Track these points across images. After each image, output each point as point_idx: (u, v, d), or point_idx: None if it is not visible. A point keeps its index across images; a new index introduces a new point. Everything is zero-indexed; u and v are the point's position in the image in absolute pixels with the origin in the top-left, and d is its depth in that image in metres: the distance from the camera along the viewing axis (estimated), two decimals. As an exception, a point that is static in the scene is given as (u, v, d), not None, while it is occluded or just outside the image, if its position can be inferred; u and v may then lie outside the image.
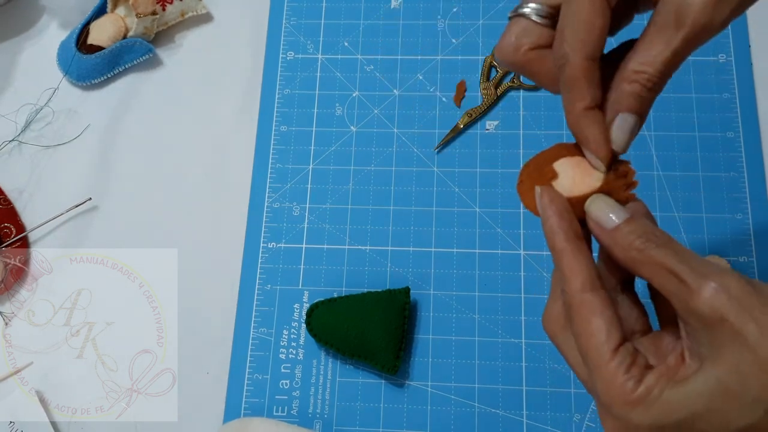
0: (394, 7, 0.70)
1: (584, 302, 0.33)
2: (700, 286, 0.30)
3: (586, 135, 0.35)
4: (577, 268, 0.34)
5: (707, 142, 0.62)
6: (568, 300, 0.34)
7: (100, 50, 0.68)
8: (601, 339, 0.33)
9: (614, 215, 0.34)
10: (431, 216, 0.62)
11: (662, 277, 0.32)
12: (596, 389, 0.33)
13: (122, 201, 0.65)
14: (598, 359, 0.32)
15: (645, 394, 0.31)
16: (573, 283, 0.34)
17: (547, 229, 0.35)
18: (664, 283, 0.32)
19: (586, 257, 0.34)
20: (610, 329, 0.33)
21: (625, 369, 0.32)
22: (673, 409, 0.31)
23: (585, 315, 0.33)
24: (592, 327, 0.33)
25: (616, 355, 0.32)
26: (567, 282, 0.34)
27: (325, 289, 0.61)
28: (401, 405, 0.57)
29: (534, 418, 0.56)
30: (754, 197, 0.60)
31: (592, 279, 0.34)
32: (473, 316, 0.59)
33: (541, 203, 0.36)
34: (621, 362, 0.32)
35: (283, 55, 0.69)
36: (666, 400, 0.31)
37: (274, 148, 0.66)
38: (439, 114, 0.66)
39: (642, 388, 0.32)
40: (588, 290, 0.34)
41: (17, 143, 0.67)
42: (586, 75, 0.34)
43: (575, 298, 0.34)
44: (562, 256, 0.34)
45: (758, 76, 0.64)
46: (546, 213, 0.35)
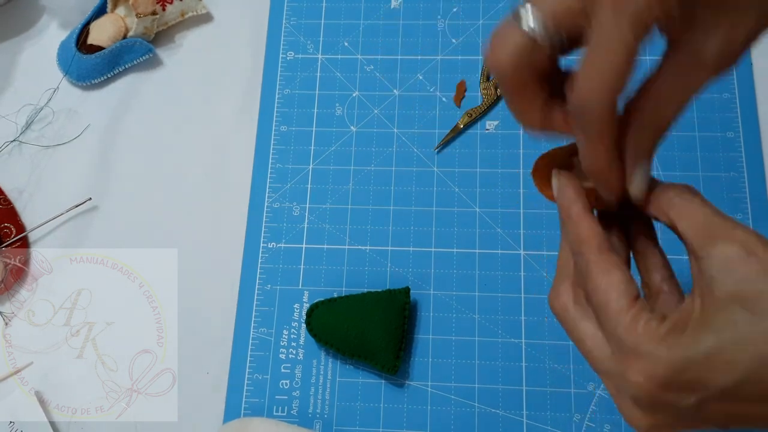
0: (394, 7, 0.70)
1: (602, 260, 0.35)
2: (733, 227, 0.32)
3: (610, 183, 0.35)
4: (594, 232, 0.35)
5: (707, 142, 0.62)
6: (585, 260, 0.35)
7: (100, 50, 0.68)
8: (621, 289, 0.34)
9: None
10: (431, 216, 0.62)
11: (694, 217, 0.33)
12: (618, 335, 0.33)
13: (122, 201, 0.65)
14: (619, 306, 0.33)
15: (672, 328, 0.32)
16: (592, 244, 0.35)
17: (565, 200, 0.37)
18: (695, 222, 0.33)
19: (601, 228, 0.36)
20: (629, 281, 0.34)
21: (647, 312, 0.33)
22: (702, 341, 0.31)
23: (604, 269, 0.34)
24: (612, 277, 0.34)
25: (636, 303, 0.33)
26: (585, 244, 0.35)
27: (325, 289, 0.61)
28: (401, 405, 0.57)
29: (534, 418, 0.56)
30: (754, 197, 0.60)
31: (608, 243, 0.35)
32: (473, 316, 0.59)
33: (558, 180, 0.37)
34: (642, 308, 0.33)
35: (283, 55, 0.69)
36: (694, 332, 0.31)
37: (274, 148, 0.66)
38: (439, 114, 0.66)
39: (668, 323, 0.32)
40: (605, 251, 0.35)
41: (17, 143, 0.67)
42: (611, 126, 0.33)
43: (593, 257, 0.35)
44: (580, 221, 0.36)
45: (758, 76, 0.64)
46: (563, 189, 0.37)
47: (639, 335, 0.32)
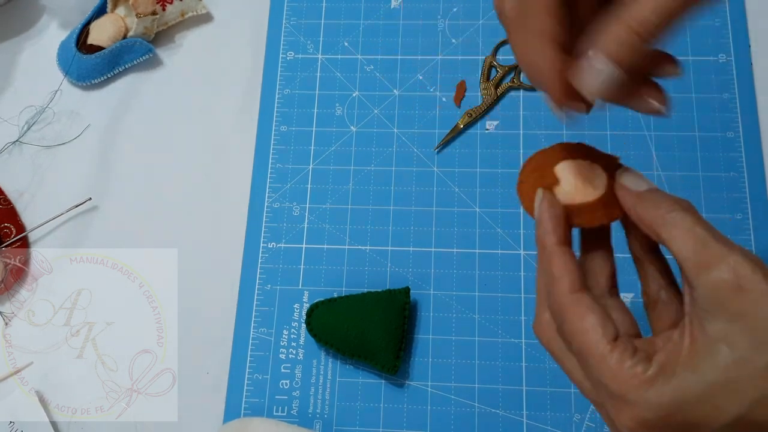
0: (394, 7, 0.70)
1: (574, 301, 0.33)
2: (725, 255, 0.31)
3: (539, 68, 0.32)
4: (566, 269, 0.34)
5: (707, 142, 0.62)
6: (558, 301, 0.34)
7: (100, 50, 0.68)
8: (598, 333, 0.32)
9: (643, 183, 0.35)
10: (431, 216, 0.62)
11: (685, 240, 0.32)
12: (603, 382, 0.32)
13: (122, 201, 0.65)
14: (599, 352, 0.32)
15: (659, 371, 0.31)
16: (562, 284, 0.34)
17: (541, 231, 0.36)
18: (686, 246, 0.32)
19: (574, 262, 0.35)
20: (605, 323, 0.33)
21: (630, 355, 0.32)
22: (691, 382, 0.30)
23: (578, 313, 0.33)
24: (586, 323, 0.33)
25: (617, 345, 0.32)
26: (556, 282, 0.34)
27: (325, 289, 0.61)
28: (401, 405, 0.57)
29: (534, 418, 0.56)
30: (754, 197, 0.60)
31: (581, 280, 0.34)
32: (473, 316, 0.59)
33: (539, 206, 0.36)
34: (624, 350, 0.32)
35: (283, 55, 0.69)
36: (682, 374, 0.31)
37: (274, 148, 0.66)
38: (439, 114, 0.66)
39: (654, 366, 0.31)
40: (577, 290, 0.34)
41: (18, 143, 0.67)
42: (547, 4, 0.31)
43: (565, 298, 0.34)
44: (552, 257, 0.35)
45: (758, 76, 0.64)
46: (542, 216, 0.36)
47: (625, 382, 0.31)
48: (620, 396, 0.32)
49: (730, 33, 0.66)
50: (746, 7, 0.66)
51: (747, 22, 0.66)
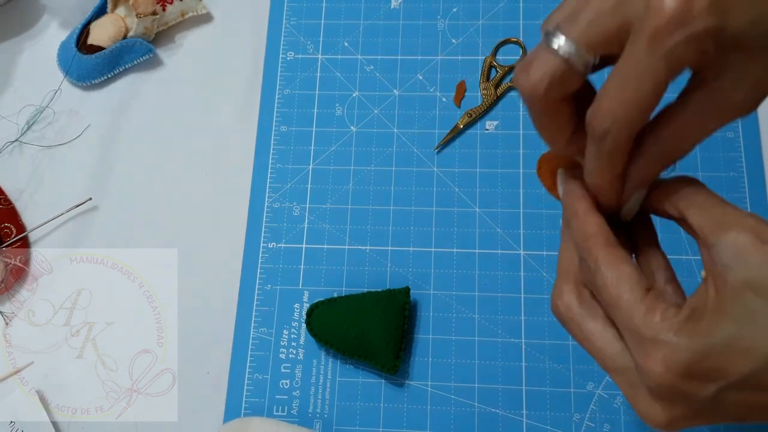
0: (394, 7, 0.70)
1: (610, 254, 0.35)
2: (743, 216, 0.32)
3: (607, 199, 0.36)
4: (601, 228, 0.36)
5: (707, 142, 0.61)
6: (594, 257, 0.35)
7: (100, 50, 0.68)
8: (633, 280, 0.34)
9: None
10: (431, 216, 0.62)
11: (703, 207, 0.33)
12: (633, 327, 0.33)
13: (122, 201, 0.65)
14: (633, 297, 0.33)
15: (690, 316, 0.32)
16: (599, 240, 0.35)
17: (571, 198, 0.37)
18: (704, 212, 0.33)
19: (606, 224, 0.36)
20: (640, 274, 0.34)
21: (662, 301, 0.33)
22: (721, 326, 0.31)
23: (614, 263, 0.34)
24: (621, 272, 0.34)
25: (649, 293, 0.33)
26: (592, 239, 0.35)
27: (325, 289, 0.61)
28: (401, 405, 0.57)
29: (534, 418, 0.56)
30: (754, 197, 0.60)
31: (615, 239, 0.36)
32: (473, 316, 0.59)
33: (563, 180, 0.38)
34: (656, 297, 0.33)
35: (283, 55, 0.69)
36: (711, 318, 0.31)
37: (274, 148, 0.66)
38: (439, 114, 0.66)
39: (685, 311, 0.32)
40: (612, 246, 0.35)
41: (18, 143, 0.67)
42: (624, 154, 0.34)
43: (602, 252, 0.35)
44: (587, 217, 0.36)
45: (758, 76, 0.64)
46: (569, 186, 0.37)
47: (656, 324, 0.32)
48: (651, 339, 0.32)
49: (730, 33, 0.66)
50: (746, 7, 0.66)
51: (747, 22, 0.66)
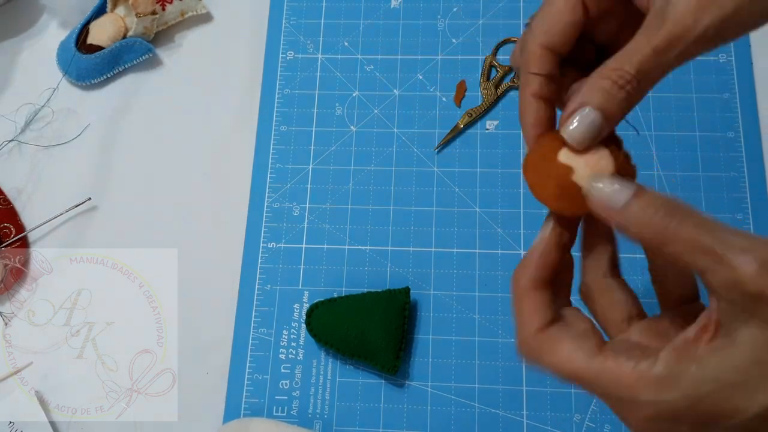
0: (394, 7, 0.70)
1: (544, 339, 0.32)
2: (741, 262, 0.27)
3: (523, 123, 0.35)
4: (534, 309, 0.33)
5: (707, 142, 0.62)
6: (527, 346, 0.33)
7: (99, 50, 0.68)
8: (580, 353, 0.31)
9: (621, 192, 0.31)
10: (431, 216, 0.62)
11: (693, 255, 0.28)
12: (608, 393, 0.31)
13: (122, 201, 0.65)
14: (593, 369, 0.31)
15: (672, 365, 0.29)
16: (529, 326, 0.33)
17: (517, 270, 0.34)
18: (695, 261, 0.29)
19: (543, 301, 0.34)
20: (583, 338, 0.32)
21: (627, 354, 0.30)
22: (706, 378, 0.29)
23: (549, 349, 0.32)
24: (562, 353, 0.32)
25: (604, 348, 0.31)
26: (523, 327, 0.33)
27: (325, 289, 0.61)
28: (401, 405, 0.57)
29: (534, 418, 0.56)
30: (754, 197, 0.60)
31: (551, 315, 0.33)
32: (473, 316, 0.59)
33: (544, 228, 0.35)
34: (618, 352, 0.31)
35: (283, 55, 0.69)
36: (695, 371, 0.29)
37: (274, 148, 0.66)
38: (439, 114, 0.66)
39: (661, 362, 0.29)
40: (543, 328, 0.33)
41: (17, 143, 0.67)
42: (537, 61, 0.34)
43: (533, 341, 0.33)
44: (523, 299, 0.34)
45: (758, 76, 0.64)
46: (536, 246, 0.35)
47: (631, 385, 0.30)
48: (630, 400, 0.30)
49: (730, 33, 0.65)
50: (746, 7, 0.66)
51: (747, 22, 0.66)
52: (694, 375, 0.29)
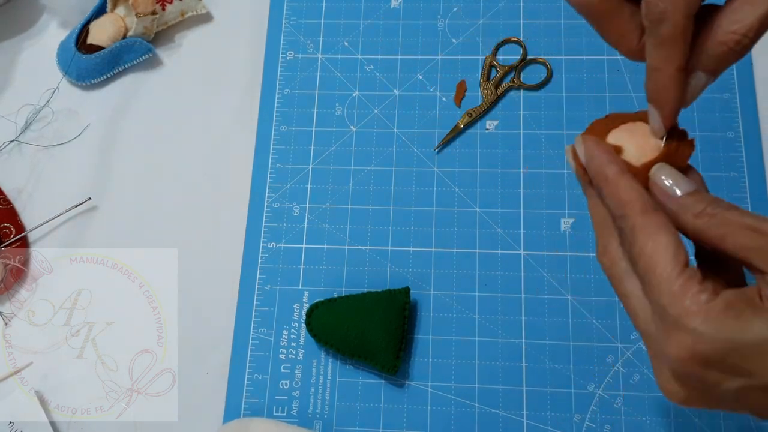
0: (394, 7, 0.70)
1: (648, 222, 0.33)
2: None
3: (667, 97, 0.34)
4: (636, 192, 0.33)
5: (707, 142, 0.62)
6: (630, 224, 0.33)
7: (99, 50, 0.68)
8: (669, 253, 0.32)
9: (681, 185, 0.34)
10: (431, 216, 0.62)
11: (739, 236, 0.31)
12: (661, 304, 0.31)
13: (122, 201, 0.65)
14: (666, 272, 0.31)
15: (725, 306, 0.30)
16: (635, 206, 0.33)
17: (597, 164, 0.35)
18: (743, 242, 0.31)
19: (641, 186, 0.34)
20: (678, 245, 0.32)
21: (697, 282, 0.31)
22: (754, 328, 0.29)
23: (650, 232, 0.32)
24: (658, 243, 0.32)
25: (685, 270, 0.31)
26: (627, 206, 0.33)
27: (325, 289, 0.61)
28: (401, 405, 0.57)
29: (534, 418, 0.56)
30: (754, 197, 0.60)
31: (652, 202, 0.33)
32: (473, 316, 0.59)
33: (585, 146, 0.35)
34: (692, 276, 0.31)
35: (283, 55, 0.69)
36: (746, 317, 0.29)
37: (274, 148, 0.66)
38: (439, 114, 0.66)
39: (720, 299, 0.30)
40: (650, 211, 0.33)
41: (17, 143, 0.67)
42: (684, 34, 0.33)
43: (638, 219, 0.33)
44: (618, 183, 0.34)
45: (758, 76, 0.64)
46: (593, 151, 0.35)
47: (685, 307, 0.30)
48: (675, 321, 0.30)
49: (730, 33, 0.65)
50: (746, 7, 0.66)
51: (747, 22, 0.66)
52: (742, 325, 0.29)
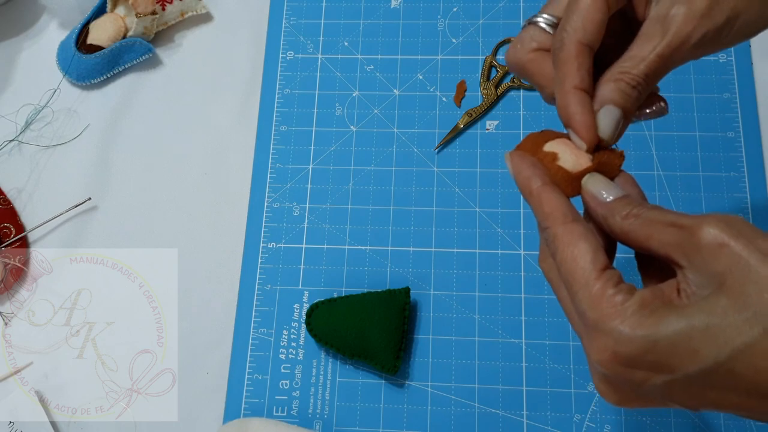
0: (394, 7, 0.70)
1: (567, 231, 0.34)
2: (701, 223, 0.31)
3: (572, 113, 0.36)
4: (557, 203, 0.35)
5: (707, 142, 0.62)
6: (551, 234, 0.35)
7: (99, 50, 0.68)
8: (587, 259, 0.33)
9: (611, 191, 0.36)
10: (431, 216, 0.62)
11: (662, 233, 0.32)
12: (582, 309, 0.32)
13: (122, 201, 0.65)
14: (584, 278, 0.33)
15: (640, 306, 0.31)
16: (556, 216, 0.35)
17: (522, 179, 0.37)
18: (664, 238, 0.32)
19: (564, 197, 0.36)
20: (596, 251, 0.33)
21: (614, 284, 0.32)
22: (669, 323, 0.30)
23: (569, 240, 0.34)
24: (576, 250, 0.33)
25: (603, 274, 0.32)
26: (548, 217, 0.35)
27: (325, 289, 0.61)
28: (401, 405, 0.57)
29: (534, 418, 0.56)
30: (754, 197, 0.60)
31: (573, 212, 0.35)
32: (473, 316, 0.59)
33: (512, 162, 0.37)
34: (609, 279, 0.32)
35: (283, 55, 0.69)
36: (661, 314, 0.31)
37: (274, 148, 0.66)
38: (439, 114, 0.66)
39: (635, 299, 0.31)
40: (570, 221, 0.34)
41: (17, 143, 0.67)
42: (578, 57, 0.36)
43: (559, 230, 0.34)
44: (541, 195, 0.36)
45: (758, 76, 0.64)
46: (518, 165, 0.37)
47: (603, 310, 0.31)
48: (595, 324, 0.32)
49: (730, 33, 0.66)
50: (746, 7, 0.66)
51: (747, 22, 0.66)
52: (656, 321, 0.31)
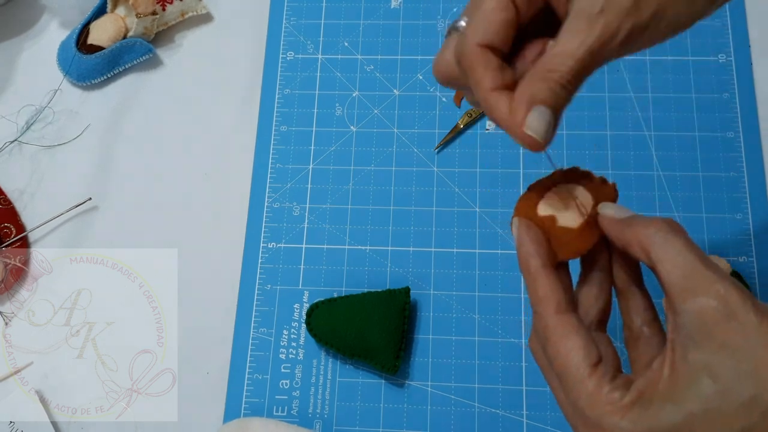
0: (394, 7, 0.70)
1: (560, 323, 0.33)
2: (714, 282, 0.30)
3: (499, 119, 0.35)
4: (551, 289, 0.34)
5: (707, 142, 0.62)
6: (543, 323, 0.34)
7: (100, 50, 0.68)
8: (579, 355, 0.32)
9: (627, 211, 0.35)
10: (431, 216, 0.62)
11: (674, 263, 0.31)
12: (579, 406, 0.32)
13: (122, 201, 0.65)
14: (579, 375, 0.32)
15: (637, 398, 0.31)
16: (548, 305, 0.34)
17: (523, 253, 0.35)
18: (674, 269, 0.31)
19: (561, 282, 0.35)
20: (588, 346, 0.33)
21: (609, 380, 0.32)
22: (669, 414, 0.30)
23: (561, 334, 0.33)
24: (569, 345, 0.33)
25: (596, 370, 0.32)
26: (542, 302, 0.34)
27: (325, 289, 0.61)
28: (401, 405, 0.57)
29: (534, 418, 0.56)
30: (754, 197, 0.60)
31: (567, 301, 0.34)
32: (473, 316, 0.59)
33: (517, 231, 0.36)
34: (603, 374, 0.32)
35: (283, 55, 0.69)
36: (660, 403, 0.30)
37: (274, 148, 0.66)
38: (439, 114, 0.66)
39: (632, 393, 0.31)
40: (562, 311, 0.34)
41: (17, 143, 0.67)
42: (479, 59, 0.35)
43: (551, 320, 0.34)
44: (537, 278, 0.35)
45: (758, 76, 0.64)
46: (522, 239, 0.36)
47: (601, 407, 0.31)
48: (594, 422, 0.31)
49: (730, 33, 0.66)
50: (746, 7, 0.66)
51: (747, 22, 0.66)
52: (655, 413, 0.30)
